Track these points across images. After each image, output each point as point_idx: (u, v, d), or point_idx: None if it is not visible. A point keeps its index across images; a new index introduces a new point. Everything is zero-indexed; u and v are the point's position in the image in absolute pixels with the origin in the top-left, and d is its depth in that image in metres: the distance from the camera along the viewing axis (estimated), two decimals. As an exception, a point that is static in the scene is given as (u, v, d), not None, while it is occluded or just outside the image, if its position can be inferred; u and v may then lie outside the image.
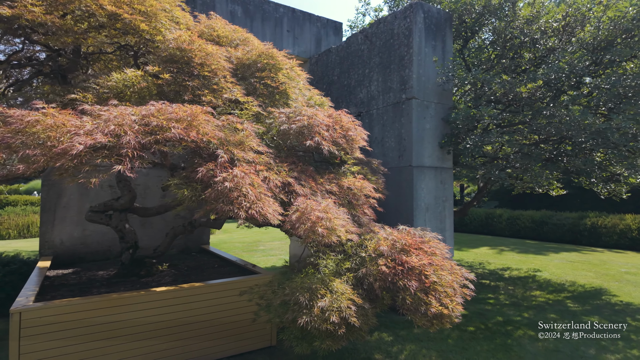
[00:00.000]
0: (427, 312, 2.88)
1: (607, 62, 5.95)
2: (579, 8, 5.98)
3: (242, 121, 3.10)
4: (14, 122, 2.26)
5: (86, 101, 2.88)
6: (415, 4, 5.71)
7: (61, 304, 3.42)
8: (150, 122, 2.54)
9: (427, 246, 3.30)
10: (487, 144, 5.82)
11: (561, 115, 5.39)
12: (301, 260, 3.51)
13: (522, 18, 6.07)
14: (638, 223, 12.04)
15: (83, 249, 5.96)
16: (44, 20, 2.77)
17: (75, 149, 2.15)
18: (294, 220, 2.87)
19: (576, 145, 6.03)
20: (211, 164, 2.74)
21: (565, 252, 11.55)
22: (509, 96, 5.74)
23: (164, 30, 3.44)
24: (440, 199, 5.92)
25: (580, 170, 6.49)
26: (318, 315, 2.70)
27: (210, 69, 3.35)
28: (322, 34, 8.35)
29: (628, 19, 5.50)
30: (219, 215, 2.62)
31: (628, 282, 7.78)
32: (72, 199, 5.90)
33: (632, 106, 5.48)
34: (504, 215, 15.59)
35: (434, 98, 5.90)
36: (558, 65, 5.54)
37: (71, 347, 3.42)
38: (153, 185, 6.61)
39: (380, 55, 6.26)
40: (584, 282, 7.72)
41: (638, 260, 10.14)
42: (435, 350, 4.37)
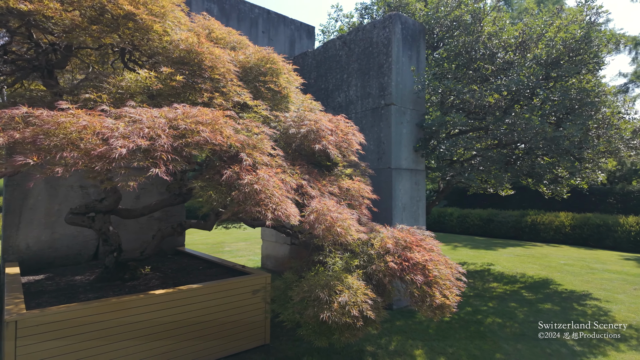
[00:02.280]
0: (432, 304, 3.16)
1: (555, 76, 6.70)
2: (535, 28, 6.67)
3: (258, 125, 3.19)
4: (45, 123, 2.18)
5: (101, 101, 2.80)
6: (394, 15, 6.05)
7: (59, 311, 3.28)
8: (180, 125, 2.56)
9: (426, 243, 3.60)
10: (459, 148, 6.30)
11: (521, 123, 6.00)
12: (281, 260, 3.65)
13: (487, 34, 6.64)
14: (570, 220, 13.47)
15: (51, 253, 5.61)
16: (63, 17, 2.65)
17: (116, 153, 2.14)
18: (312, 221, 3.01)
19: (531, 150, 6.72)
20: (236, 167, 2.81)
21: (511, 247, 12.63)
22: (477, 105, 6.27)
23: (170, 31, 3.42)
24: (415, 199, 6.32)
25: (532, 172, 7.23)
26: (337, 309, 2.87)
27: (219, 72, 3.39)
28: (295, 37, 8.48)
29: (576, 40, 6.24)
30: (247, 216, 2.71)
31: (568, 272, 8.74)
32: (39, 200, 5.53)
33: (577, 117, 6.23)
34: (454, 213, 16.64)
35: (410, 105, 6.28)
36: (519, 78, 6.15)
37: (70, 354, 3.29)
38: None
39: (359, 61, 6.54)
40: (532, 274, 8.56)
41: (572, 253, 11.37)
42: (420, 340, 4.71)
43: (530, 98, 6.90)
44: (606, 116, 6.33)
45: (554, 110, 6.29)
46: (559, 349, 4.52)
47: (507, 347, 4.54)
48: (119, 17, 2.85)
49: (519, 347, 4.56)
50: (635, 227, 11.95)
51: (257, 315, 4.48)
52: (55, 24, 2.71)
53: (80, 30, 2.80)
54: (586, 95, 6.35)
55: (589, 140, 6.24)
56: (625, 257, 10.86)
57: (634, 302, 6.40)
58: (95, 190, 6.02)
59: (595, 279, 8.03)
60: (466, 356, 4.29)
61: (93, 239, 6.00)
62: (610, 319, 5.60)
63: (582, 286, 7.46)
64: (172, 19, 3.39)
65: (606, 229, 12.55)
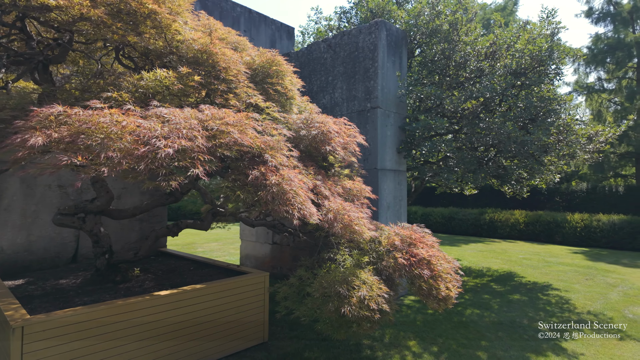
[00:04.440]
0: (437, 296, 3.40)
1: (521, 85, 7.27)
2: (505, 39, 7.20)
3: (276, 126, 3.26)
4: (83, 123, 2.13)
5: (121, 100, 2.74)
6: (379, 22, 6.30)
7: (65, 315, 3.18)
8: (211, 126, 2.59)
9: (426, 240, 3.84)
10: (439, 150, 6.66)
11: (494, 127, 6.47)
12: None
13: (463, 42, 7.07)
14: (524, 217, 14.52)
15: (27, 256, 5.30)
16: (91, 15, 2.55)
17: (162, 153, 2.15)
18: (331, 219, 3.15)
19: (501, 152, 7.24)
20: (261, 167, 2.87)
21: (472, 243, 13.41)
22: (454, 109, 6.67)
23: (180, 30, 3.40)
24: (398, 198, 6.62)
25: (499, 173, 7.78)
26: (356, 304, 3.03)
27: (233, 74, 3.42)
28: (276, 37, 8.52)
29: (542, 52, 6.82)
30: (275, 215, 2.79)
31: (528, 266, 9.47)
32: (14, 200, 5.21)
33: (542, 123, 6.81)
34: (418, 212, 17.34)
35: (393, 108, 6.56)
36: (492, 85, 6.62)
37: (77, 359, 3.19)
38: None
39: (344, 65, 6.72)
40: (497, 268, 9.19)
41: (528, 248, 12.29)
42: (411, 332, 4.98)
43: (500, 104, 7.44)
44: (567, 122, 6.97)
45: (522, 116, 6.83)
46: (534, 335, 4.96)
47: (490, 335, 4.92)
48: (141, 14, 2.81)
49: (499, 334, 4.95)
50: (581, 224, 13.12)
51: (256, 313, 4.53)
52: (80, 19, 2.61)
53: (105, 28, 2.72)
54: (549, 103, 6.95)
55: (553, 144, 6.84)
56: (573, 250, 11.90)
57: (589, 291, 7.10)
58: (73, 190, 5.75)
59: (552, 271, 8.78)
60: (455, 344, 4.60)
61: (72, 241, 5.74)
62: (572, 306, 6.19)
63: (542, 278, 8.14)
64: (185, 17, 3.37)
65: (555, 226, 13.66)
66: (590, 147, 7.29)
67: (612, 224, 12.48)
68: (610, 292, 7.04)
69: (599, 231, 12.62)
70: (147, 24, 2.93)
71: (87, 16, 2.58)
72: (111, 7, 2.66)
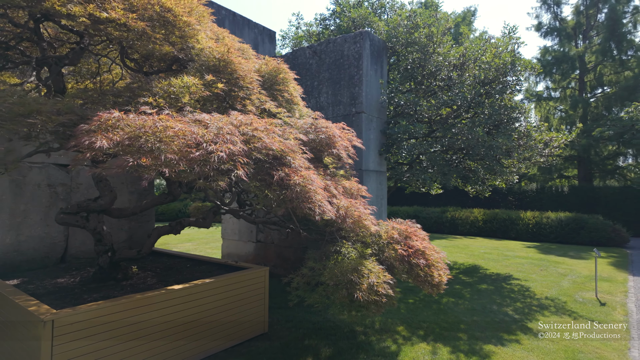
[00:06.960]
0: (432, 282, 3.86)
1: (486, 94, 8.01)
2: (473, 52, 7.90)
3: (292, 131, 3.57)
4: (140, 127, 2.33)
5: (156, 104, 2.93)
6: (364, 32, 6.74)
7: (89, 309, 3.31)
8: (245, 131, 2.87)
9: (419, 234, 4.30)
10: (416, 152, 7.21)
11: (466, 132, 7.12)
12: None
13: (437, 54, 7.69)
14: (483, 215, 15.62)
15: (17, 257, 5.22)
16: (135, 26, 2.70)
17: (214, 156, 2.40)
18: (343, 215, 3.51)
19: (470, 155, 7.94)
20: (285, 169, 3.18)
21: (437, 239, 14.26)
22: (430, 116, 7.25)
23: (200, 38, 3.62)
24: (380, 197, 7.09)
25: (466, 174, 8.50)
26: (366, 289, 3.41)
27: (249, 81, 3.69)
28: (259, 41, 8.74)
29: (506, 65, 7.57)
30: (299, 212, 3.10)
31: (489, 259, 10.33)
32: (3, 200, 5.12)
33: (505, 129, 7.57)
34: (387, 210, 18.06)
35: (376, 113, 7.03)
36: (463, 94, 7.27)
37: (102, 350, 3.34)
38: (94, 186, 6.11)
39: (329, 71, 7.10)
40: (463, 262, 9.96)
41: (487, 244, 13.28)
42: (397, 318, 5.44)
43: (467, 111, 8.14)
44: (527, 129, 7.77)
45: (487, 122, 7.55)
46: (503, 318, 5.59)
47: (466, 319, 5.49)
48: (175, 25, 3.01)
49: (475, 318, 5.54)
50: (532, 221, 14.34)
51: (258, 306, 4.80)
52: (126, 30, 2.77)
53: (146, 38, 2.90)
54: (511, 110, 7.73)
55: (515, 148, 7.61)
56: (527, 245, 13.03)
57: (544, 280, 7.95)
58: (63, 190, 5.71)
59: (511, 264, 9.66)
60: (438, 328, 5.12)
61: (61, 241, 5.69)
62: (532, 293, 6.95)
63: (504, 270, 8.96)
64: (206, 27, 3.60)
65: (510, 223, 14.83)
66: (546, 151, 8.17)
67: (559, 221, 13.77)
68: (562, 281, 7.92)
69: (548, 227, 13.88)
70: (176, 33, 3.14)
71: (133, 28, 2.75)
72: (152, 20, 2.85)
